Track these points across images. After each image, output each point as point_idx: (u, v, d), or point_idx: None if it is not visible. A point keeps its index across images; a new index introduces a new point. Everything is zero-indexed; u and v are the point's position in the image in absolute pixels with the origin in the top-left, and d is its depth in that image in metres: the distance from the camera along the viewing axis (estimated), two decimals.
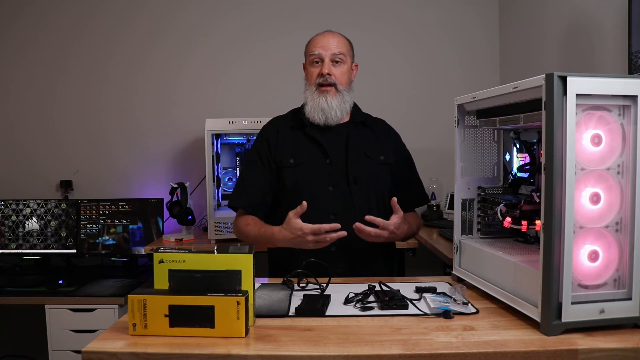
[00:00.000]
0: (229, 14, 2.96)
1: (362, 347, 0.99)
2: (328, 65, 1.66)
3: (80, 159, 2.98)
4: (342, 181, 1.64)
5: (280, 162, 1.67)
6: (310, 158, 1.66)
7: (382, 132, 1.77)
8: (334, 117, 1.66)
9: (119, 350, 0.99)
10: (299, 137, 1.70)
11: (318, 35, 1.72)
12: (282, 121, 1.78)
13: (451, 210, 1.67)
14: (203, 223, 2.83)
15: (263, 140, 1.73)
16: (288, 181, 1.65)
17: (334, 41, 1.68)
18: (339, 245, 1.60)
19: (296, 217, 1.48)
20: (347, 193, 1.63)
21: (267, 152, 1.70)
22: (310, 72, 1.69)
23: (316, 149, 1.67)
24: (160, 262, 1.10)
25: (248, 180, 1.71)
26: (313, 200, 1.54)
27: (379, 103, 3.04)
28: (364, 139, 1.71)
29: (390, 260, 1.78)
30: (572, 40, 2.14)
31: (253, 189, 1.69)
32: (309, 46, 1.71)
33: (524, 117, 1.21)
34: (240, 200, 1.71)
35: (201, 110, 2.90)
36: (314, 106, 1.66)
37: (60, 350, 2.29)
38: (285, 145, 1.69)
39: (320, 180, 1.64)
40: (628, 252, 1.04)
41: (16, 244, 2.72)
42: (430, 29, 2.99)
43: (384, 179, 1.69)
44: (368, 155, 1.68)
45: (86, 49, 2.96)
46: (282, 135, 1.71)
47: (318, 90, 1.66)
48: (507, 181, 1.49)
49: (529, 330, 1.06)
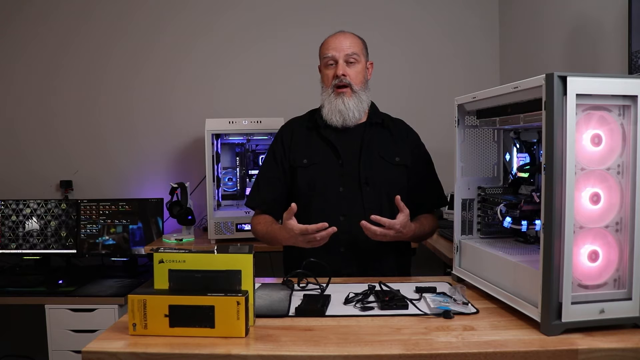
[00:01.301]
0: (228, 14, 2.96)
1: (362, 347, 0.99)
2: (342, 66, 1.66)
3: (80, 159, 2.98)
4: (354, 182, 1.64)
5: (294, 162, 1.69)
6: (323, 159, 1.67)
7: (400, 133, 1.76)
8: (351, 118, 1.66)
9: (119, 350, 0.99)
10: (314, 138, 1.71)
11: (331, 36, 1.71)
12: (298, 122, 1.79)
13: (451, 210, 1.66)
14: (203, 223, 2.83)
15: (278, 140, 1.76)
16: (301, 181, 1.67)
17: (346, 42, 1.68)
18: (349, 246, 1.60)
19: (289, 218, 1.50)
20: (358, 194, 1.63)
21: (281, 152, 1.72)
22: (326, 75, 1.70)
23: (329, 150, 1.68)
24: (160, 262, 1.10)
25: (262, 180, 1.75)
26: (323, 200, 1.56)
27: (378, 103, 3.04)
28: (380, 139, 1.71)
29: (404, 262, 1.75)
30: (572, 40, 2.14)
31: (267, 189, 1.72)
32: (322, 48, 1.71)
33: (524, 117, 1.21)
34: (254, 200, 1.76)
35: (201, 110, 2.90)
36: (331, 108, 1.66)
37: (60, 350, 2.29)
38: (299, 145, 1.71)
39: (332, 181, 1.65)
40: (628, 252, 1.04)
41: (16, 244, 2.72)
42: (430, 29, 2.99)
43: (399, 181, 1.68)
44: (382, 157, 1.68)
45: (85, 49, 2.96)
46: (297, 136, 1.73)
47: (334, 93, 1.66)
48: (507, 181, 1.49)
49: (529, 330, 1.06)
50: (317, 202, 1.59)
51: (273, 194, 1.71)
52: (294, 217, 1.50)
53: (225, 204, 2.68)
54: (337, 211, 1.61)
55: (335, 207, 1.61)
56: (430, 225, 1.73)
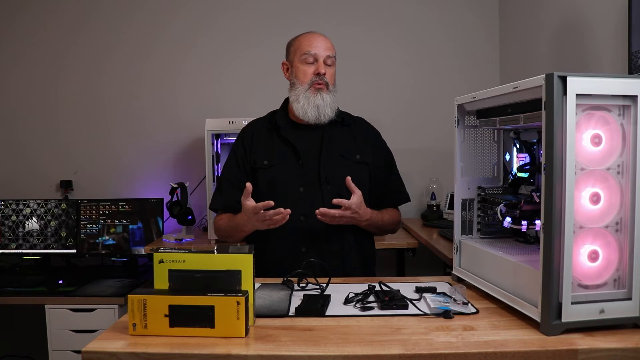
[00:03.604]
0: (228, 13, 2.96)
1: (362, 347, 0.99)
2: (323, 65, 1.68)
3: (80, 159, 2.98)
4: (314, 182, 1.65)
5: (255, 163, 1.71)
6: (282, 160, 1.69)
7: (361, 131, 1.78)
8: (325, 115, 1.67)
9: (119, 350, 0.99)
10: (274, 139, 1.73)
11: (309, 34, 1.72)
12: (259, 123, 1.81)
13: (451, 210, 1.66)
14: (203, 223, 2.83)
15: (239, 143, 1.77)
16: (262, 182, 1.68)
17: (327, 43, 1.71)
18: (309, 245, 1.62)
19: (246, 199, 1.53)
20: (318, 194, 1.64)
21: (242, 154, 1.74)
22: (303, 71, 1.70)
23: (289, 151, 1.69)
24: (160, 262, 1.10)
25: (225, 182, 1.76)
26: (284, 201, 1.55)
27: (378, 103, 3.06)
28: (340, 138, 1.72)
29: (367, 260, 1.75)
30: (572, 40, 2.14)
31: (229, 192, 1.72)
32: (301, 45, 1.71)
33: (524, 117, 1.20)
34: (218, 203, 1.77)
35: (201, 110, 2.90)
36: (308, 103, 1.67)
37: (60, 350, 2.29)
38: (260, 147, 1.73)
39: (292, 182, 1.66)
40: (628, 252, 1.04)
41: (16, 244, 2.72)
42: (431, 29, 2.99)
43: (360, 179, 1.67)
44: (343, 155, 1.69)
45: (86, 49, 2.96)
46: (258, 138, 1.75)
47: (312, 89, 1.67)
48: (507, 181, 1.49)
49: (529, 330, 1.06)
50: (278, 203, 1.56)
51: (236, 196, 1.67)
52: (251, 199, 1.53)
53: None
54: (298, 211, 1.60)
55: (296, 207, 1.59)
56: (390, 215, 1.75)
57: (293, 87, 1.72)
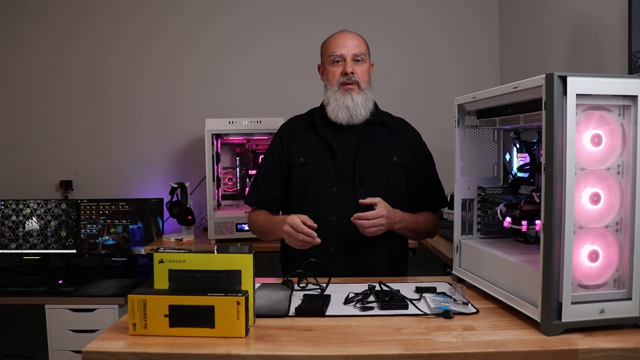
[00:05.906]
0: (228, 14, 2.96)
1: (362, 347, 0.99)
2: (351, 64, 1.66)
3: (80, 159, 2.98)
4: (348, 182, 1.63)
5: (291, 160, 1.70)
6: (318, 158, 1.67)
7: (400, 132, 1.75)
8: (358, 115, 1.65)
9: (119, 350, 0.99)
10: (312, 137, 1.71)
11: (336, 35, 1.71)
12: (298, 120, 1.79)
13: (451, 210, 1.66)
14: (203, 223, 2.83)
15: (277, 139, 1.77)
16: (296, 180, 1.68)
17: (354, 41, 1.68)
18: (340, 246, 1.60)
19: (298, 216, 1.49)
20: (351, 194, 1.62)
21: (279, 150, 1.73)
22: (332, 72, 1.68)
23: (326, 150, 1.68)
24: (160, 262, 1.10)
25: (261, 177, 1.77)
26: (316, 200, 1.55)
27: (378, 103, 3.05)
28: (378, 139, 1.70)
29: (399, 265, 1.73)
30: (572, 40, 2.14)
31: (265, 187, 1.73)
32: (329, 46, 1.70)
33: (524, 117, 1.21)
34: (253, 197, 1.77)
35: (201, 110, 2.90)
36: (338, 105, 1.65)
37: (60, 350, 2.29)
38: (297, 144, 1.72)
39: (326, 181, 1.64)
40: (628, 252, 1.04)
41: (16, 244, 2.72)
42: (430, 29, 2.99)
43: (396, 181, 1.67)
44: (379, 157, 1.67)
45: (85, 49, 2.96)
46: (295, 134, 1.74)
47: (341, 89, 1.66)
48: (507, 181, 1.49)
49: (529, 330, 1.06)
50: (310, 201, 1.58)
51: (271, 191, 1.72)
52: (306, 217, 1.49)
53: (225, 204, 2.68)
54: (330, 211, 1.60)
55: (328, 207, 1.61)
56: (427, 220, 1.71)
57: (325, 89, 1.71)
